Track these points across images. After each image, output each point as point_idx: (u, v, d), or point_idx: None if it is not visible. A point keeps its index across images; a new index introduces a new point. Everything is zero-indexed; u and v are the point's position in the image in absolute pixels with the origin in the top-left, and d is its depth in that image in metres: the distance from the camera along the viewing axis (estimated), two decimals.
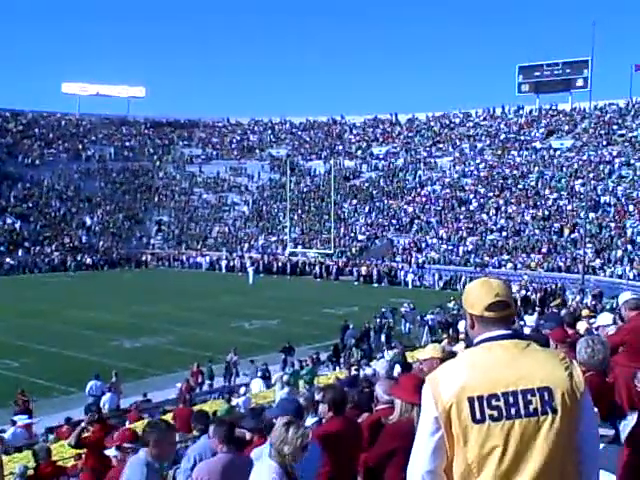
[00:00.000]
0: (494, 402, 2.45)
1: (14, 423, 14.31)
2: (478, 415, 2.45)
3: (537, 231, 50.98)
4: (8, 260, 54.61)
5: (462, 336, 19.33)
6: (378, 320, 28.47)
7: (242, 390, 16.86)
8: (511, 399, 2.45)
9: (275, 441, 4.19)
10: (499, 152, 63.75)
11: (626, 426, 4.07)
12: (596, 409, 2.90)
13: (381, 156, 70.90)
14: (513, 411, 2.45)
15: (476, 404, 2.45)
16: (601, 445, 3.25)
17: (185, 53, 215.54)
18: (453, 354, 8.13)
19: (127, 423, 13.00)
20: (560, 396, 2.46)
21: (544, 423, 2.45)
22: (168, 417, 14.43)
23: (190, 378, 19.84)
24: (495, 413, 2.45)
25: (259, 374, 20.27)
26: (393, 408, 4.95)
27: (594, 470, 2.60)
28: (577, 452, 2.51)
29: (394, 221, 58.88)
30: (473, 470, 2.47)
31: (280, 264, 55.60)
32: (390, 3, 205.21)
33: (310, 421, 6.29)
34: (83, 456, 9.56)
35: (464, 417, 2.46)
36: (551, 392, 2.46)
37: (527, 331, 11.57)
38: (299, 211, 64.26)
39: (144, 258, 62.05)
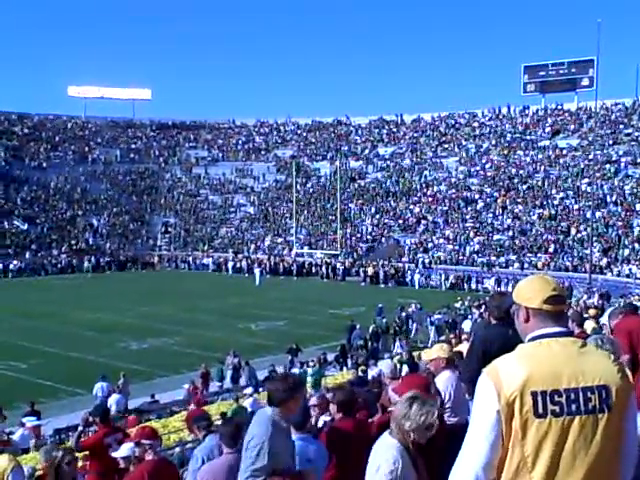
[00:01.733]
0: (557, 398, 2.51)
1: (22, 425, 14.34)
2: (541, 409, 2.50)
3: (543, 231, 50.88)
4: (15, 262, 54.78)
5: (464, 336, 19.33)
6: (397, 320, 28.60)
7: (249, 390, 16.87)
8: (572, 395, 2.51)
9: (397, 415, 3.87)
10: (505, 152, 63.66)
11: None
12: None
13: (387, 157, 70.89)
14: (574, 407, 2.51)
15: (539, 398, 2.50)
16: None
17: (190, 55, 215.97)
18: (460, 354, 8.14)
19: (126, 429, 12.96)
20: (615, 395, 2.53)
21: (601, 421, 2.51)
22: (177, 418, 14.53)
23: (197, 380, 19.86)
24: (557, 408, 2.50)
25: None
26: None
27: (632, 465, 2.66)
28: (621, 448, 2.58)
29: (400, 221, 58.85)
30: (528, 464, 2.50)
31: (286, 265, 55.65)
32: (395, 4, 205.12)
33: (323, 419, 6.30)
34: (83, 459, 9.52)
35: (526, 411, 2.50)
36: (608, 390, 2.53)
37: None
38: (305, 212, 64.28)
39: (151, 260, 62.18)
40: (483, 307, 26.62)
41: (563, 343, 2.63)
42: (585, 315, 12.78)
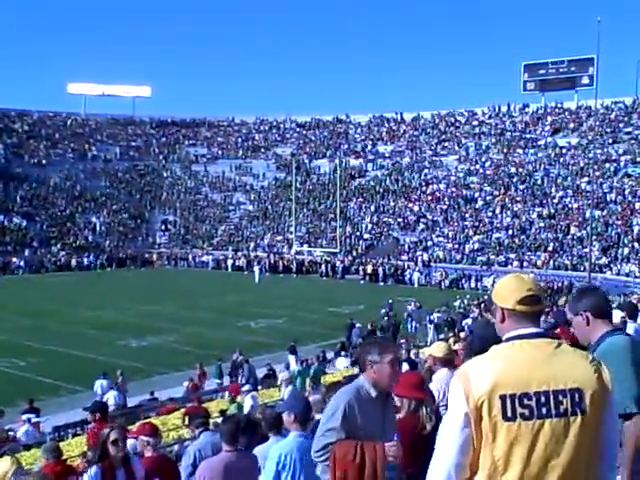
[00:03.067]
0: (526, 401, 2.46)
1: (26, 421, 14.32)
2: (509, 413, 2.46)
3: (543, 229, 50.89)
4: (15, 260, 54.76)
5: (463, 335, 19.34)
6: (385, 318, 28.50)
7: (246, 388, 16.87)
8: (543, 399, 2.47)
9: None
10: (505, 150, 63.66)
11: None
12: None
13: (386, 155, 70.87)
14: (544, 411, 2.46)
15: (508, 402, 2.46)
16: None
17: (190, 52, 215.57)
18: (455, 352, 8.15)
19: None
20: (590, 397, 2.48)
21: (573, 424, 2.46)
22: (177, 414, 14.53)
23: (196, 377, 19.87)
24: (526, 412, 2.46)
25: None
26: None
27: (612, 468, 2.63)
28: (602, 450, 2.54)
29: (400, 220, 58.85)
30: (499, 468, 2.48)
31: (286, 263, 55.66)
32: (395, 2, 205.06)
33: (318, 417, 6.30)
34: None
35: (495, 414, 2.46)
36: (581, 393, 2.48)
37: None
38: (305, 210, 64.28)
39: (150, 257, 62.18)
40: (482, 305, 26.64)
41: (536, 345, 2.58)
42: None
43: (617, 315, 7.82)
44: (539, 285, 2.74)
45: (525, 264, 47.16)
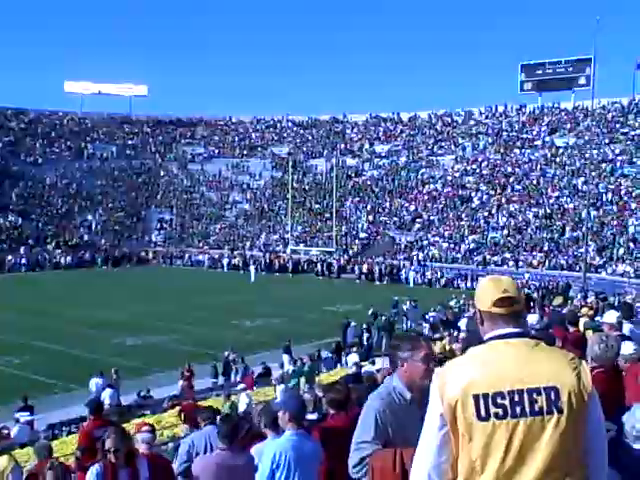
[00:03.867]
0: (499, 400, 2.44)
1: (17, 420, 14.30)
2: (483, 413, 2.44)
3: (539, 229, 50.95)
4: (10, 258, 54.66)
5: (462, 335, 19.32)
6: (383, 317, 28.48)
7: (240, 386, 16.87)
8: (517, 397, 2.44)
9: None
10: (501, 150, 63.69)
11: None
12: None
13: (383, 154, 70.87)
14: (518, 410, 2.44)
15: (481, 402, 2.44)
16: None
17: (187, 51, 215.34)
18: (452, 352, 8.14)
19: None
20: (567, 396, 2.44)
21: (549, 423, 2.43)
22: (173, 412, 14.51)
23: (185, 374, 19.74)
24: (500, 411, 2.44)
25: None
26: None
27: (602, 471, 2.58)
28: (584, 453, 2.49)
29: (396, 219, 58.87)
30: (477, 467, 2.46)
31: (282, 262, 55.64)
32: (392, 2, 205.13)
33: (310, 417, 6.29)
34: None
35: (469, 414, 2.45)
36: (558, 392, 2.44)
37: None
38: (301, 209, 64.27)
39: (146, 256, 62.10)
40: None
41: (513, 344, 2.56)
42: (579, 314, 12.77)
43: (613, 315, 7.82)
44: (515, 286, 2.71)
45: (521, 264, 47.20)
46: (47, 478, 5.62)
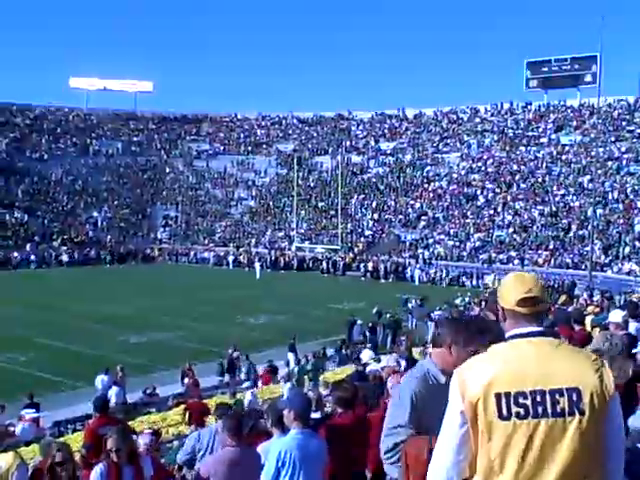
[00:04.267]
0: (521, 400, 2.43)
1: (21, 418, 14.32)
2: (504, 412, 2.43)
3: (544, 227, 50.84)
4: (16, 254, 54.75)
5: None
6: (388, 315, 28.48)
7: (245, 385, 16.90)
8: (539, 398, 2.43)
9: None
10: (507, 148, 63.55)
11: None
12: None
13: (388, 152, 70.78)
14: (540, 410, 2.43)
15: (503, 401, 2.43)
16: None
17: (193, 48, 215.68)
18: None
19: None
20: (589, 397, 2.43)
21: (571, 424, 2.42)
22: (178, 410, 14.53)
23: (187, 372, 19.72)
24: (522, 411, 2.43)
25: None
26: None
27: (619, 473, 2.57)
28: (603, 452, 2.49)
29: (401, 217, 58.83)
30: (495, 467, 2.45)
31: (287, 259, 55.66)
32: (398, 1, 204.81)
33: (314, 415, 6.28)
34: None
35: (490, 413, 2.44)
36: (580, 393, 2.44)
37: None
38: (306, 206, 64.28)
39: (151, 253, 62.18)
40: (483, 303, 26.57)
41: (535, 343, 2.55)
42: (585, 313, 12.75)
43: (618, 315, 7.77)
44: (540, 285, 2.69)
45: (526, 262, 47.11)
46: (108, 445, 5.56)
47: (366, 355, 18.85)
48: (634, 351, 6.09)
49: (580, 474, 2.43)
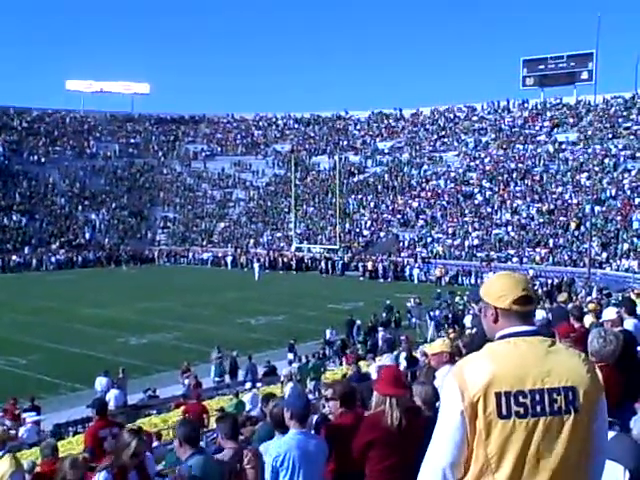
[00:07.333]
0: (521, 399, 2.46)
1: (23, 420, 14.33)
2: (504, 411, 2.46)
3: (542, 225, 50.85)
4: (14, 257, 54.75)
5: (468, 331, 19.31)
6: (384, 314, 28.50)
7: (247, 385, 16.91)
8: (537, 397, 2.47)
9: None
10: (504, 146, 63.57)
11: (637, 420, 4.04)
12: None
13: (386, 151, 70.79)
14: (539, 409, 2.46)
15: (503, 399, 2.46)
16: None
17: (189, 49, 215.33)
18: (458, 348, 8.15)
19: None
20: (583, 396, 2.48)
21: (567, 422, 2.47)
22: (179, 412, 14.54)
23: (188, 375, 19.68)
24: (521, 410, 2.46)
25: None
26: None
27: (603, 466, 2.63)
28: (592, 448, 2.53)
29: (399, 216, 58.83)
30: (492, 465, 2.47)
31: (286, 260, 55.67)
32: None
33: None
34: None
35: (490, 412, 2.46)
36: (575, 391, 2.49)
37: None
38: (304, 207, 64.28)
39: (150, 255, 62.17)
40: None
41: (531, 342, 2.58)
42: (584, 310, 12.76)
43: (612, 312, 7.77)
44: (531, 284, 2.75)
45: (525, 260, 47.13)
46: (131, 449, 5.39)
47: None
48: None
49: (573, 469, 2.48)
